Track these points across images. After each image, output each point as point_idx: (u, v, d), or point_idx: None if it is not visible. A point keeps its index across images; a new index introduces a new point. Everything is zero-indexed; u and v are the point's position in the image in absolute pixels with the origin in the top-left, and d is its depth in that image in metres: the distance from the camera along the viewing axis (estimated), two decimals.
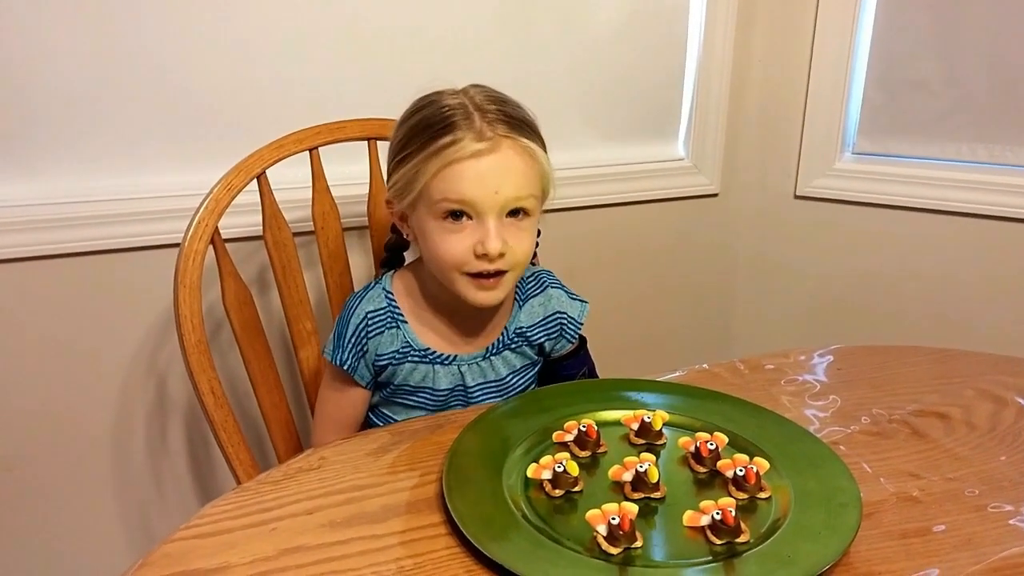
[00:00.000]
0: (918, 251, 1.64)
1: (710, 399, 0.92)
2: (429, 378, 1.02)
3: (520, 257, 0.95)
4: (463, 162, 0.90)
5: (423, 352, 1.01)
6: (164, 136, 1.23)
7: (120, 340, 1.28)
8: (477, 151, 0.90)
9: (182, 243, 1.02)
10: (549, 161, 0.96)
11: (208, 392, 1.01)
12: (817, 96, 1.66)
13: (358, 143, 1.17)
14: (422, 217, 0.95)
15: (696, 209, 1.74)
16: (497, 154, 0.91)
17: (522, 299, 1.06)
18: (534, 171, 0.93)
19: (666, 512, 0.74)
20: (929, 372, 1.03)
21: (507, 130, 0.92)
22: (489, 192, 0.90)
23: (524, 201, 0.93)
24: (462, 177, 0.90)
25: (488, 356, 1.04)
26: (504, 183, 0.91)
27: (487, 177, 0.90)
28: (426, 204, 0.93)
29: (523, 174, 0.92)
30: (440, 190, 0.91)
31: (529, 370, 1.08)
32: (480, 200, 0.90)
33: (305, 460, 0.82)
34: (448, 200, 0.91)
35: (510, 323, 1.05)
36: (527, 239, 0.95)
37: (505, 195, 0.91)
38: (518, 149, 0.92)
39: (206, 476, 1.40)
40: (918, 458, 0.84)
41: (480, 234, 0.91)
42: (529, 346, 1.06)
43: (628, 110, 1.62)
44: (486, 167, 0.90)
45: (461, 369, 1.03)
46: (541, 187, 0.95)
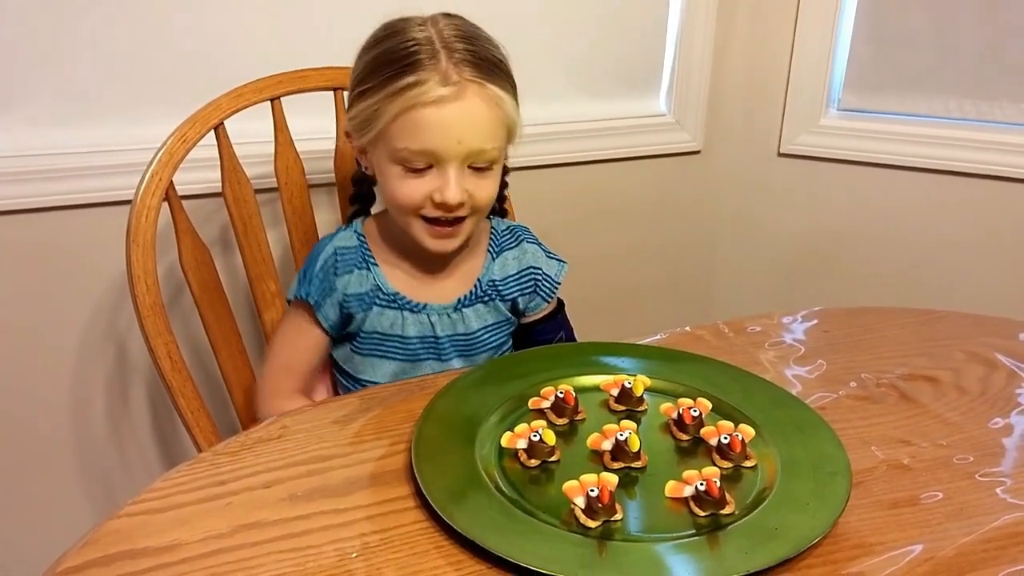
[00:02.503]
0: (904, 210, 1.62)
1: (693, 363, 0.88)
2: (398, 325, 0.98)
3: (482, 203, 0.92)
4: (425, 108, 0.85)
5: (392, 296, 0.98)
6: (117, 88, 1.16)
7: (76, 302, 1.23)
8: (441, 97, 0.85)
9: (134, 198, 0.97)
10: (517, 107, 0.92)
11: (165, 356, 0.97)
12: (803, 50, 1.62)
13: (323, 94, 1.12)
14: (380, 157, 0.91)
15: (678, 167, 1.70)
16: (462, 102, 0.86)
17: (496, 251, 1.03)
18: (500, 120, 0.89)
19: (647, 483, 0.70)
20: (916, 334, 0.99)
21: (475, 74, 0.87)
22: (451, 142, 0.86)
23: (488, 153, 0.89)
24: (423, 125, 0.86)
25: (459, 308, 1.00)
26: (467, 133, 0.87)
27: (450, 127, 0.86)
28: (385, 145, 0.89)
29: (488, 124, 0.88)
30: (399, 136, 0.87)
31: (502, 328, 1.04)
32: (441, 150, 0.87)
33: (265, 429, 0.78)
34: (408, 149, 0.87)
35: (483, 275, 1.01)
36: (490, 186, 0.92)
37: (468, 146, 0.87)
38: (485, 97, 0.88)
39: (171, 443, 1.36)
40: (908, 424, 0.80)
41: (440, 182, 0.88)
42: (501, 300, 1.02)
43: (607, 62, 1.57)
44: (449, 115, 0.86)
45: (431, 319, 0.99)
46: (507, 134, 0.92)
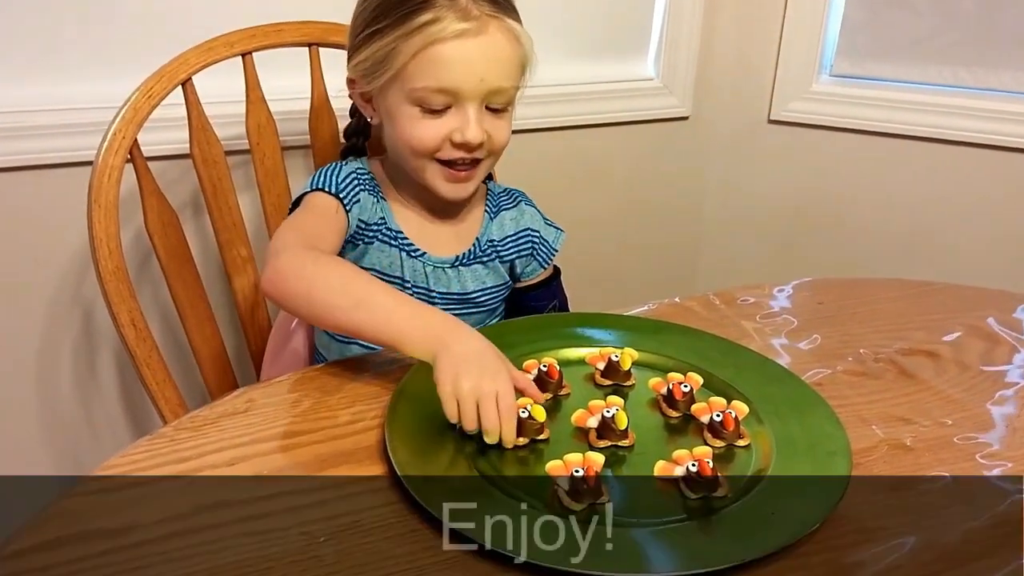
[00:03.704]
0: (896, 179, 1.58)
1: (683, 335, 0.84)
2: (396, 266, 0.94)
3: (499, 144, 0.90)
4: (446, 43, 0.83)
5: (395, 233, 0.94)
6: (82, 42, 1.10)
7: (40, 267, 1.17)
8: (463, 31, 0.83)
9: (96, 157, 0.91)
10: (532, 42, 0.89)
11: (128, 324, 0.92)
12: (795, 14, 1.57)
13: (297, 52, 1.06)
14: (393, 101, 0.88)
15: (665, 133, 1.66)
16: (484, 36, 0.84)
17: (493, 211, 1.00)
18: (519, 57, 0.88)
19: (635, 462, 0.67)
20: (914, 307, 0.96)
21: (493, 9, 0.85)
22: (474, 79, 0.84)
23: (507, 93, 0.88)
24: (444, 62, 0.83)
25: (456, 265, 0.96)
26: (490, 70, 0.85)
27: (472, 62, 0.84)
28: (400, 87, 0.86)
29: (508, 60, 0.86)
30: (418, 75, 0.84)
31: (499, 291, 1.01)
32: (463, 87, 0.84)
33: (231, 403, 0.73)
34: (428, 88, 0.84)
35: (481, 235, 0.98)
36: (506, 127, 0.90)
37: (490, 84, 0.85)
38: (505, 31, 0.86)
39: (141, 416, 1.32)
40: (908, 401, 0.77)
41: (459, 121, 0.86)
42: (501, 261, 0.99)
43: (594, 24, 1.51)
44: (471, 50, 0.84)
45: (426, 269, 0.95)
46: (522, 74, 0.90)
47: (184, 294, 1.00)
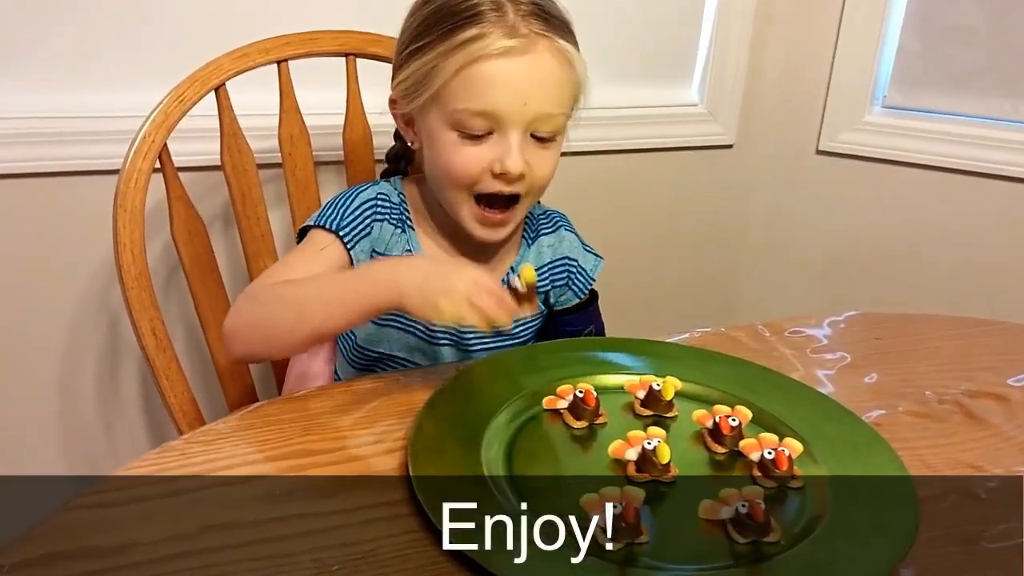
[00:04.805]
0: (950, 215, 1.53)
1: (730, 366, 0.79)
2: None
3: (540, 182, 0.84)
4: (489, 61, 0.78)
5: None
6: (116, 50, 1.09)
7: (70, 272, 1.16)
8: (508, 48, 0.78)
9: (124, 161, 0.89)
10: (586, 66, 0.83)
11: (149, 333, 0.90)
12: (848, 42, 1.53)
13: (334, 64, 1.04)
14: (433, 123, 0.83)
15: (708, 160, 1.62)
16: (531, 55, 0.79)
17: (531, 237, 0.96)
18: (569, 81, 0.82)
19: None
20: (976, 346, 0.90)
21: (544, 27, 0.80)
22: (517, 103, 0.79)
23: (554, 120, 0.81)
24: (486, 81, 0.78)
25: None
26: (535, 94, 0.79)
27: (516, 83, 0.79)
28: (440, 109, 0.81)
29: (557, 85, 0.81)
30: (459, 95, 0.79)
31: (532, 323, 0.96)
32: (505, 112, 0.79)
33: (246, 417, 0.70)
34: (468, 110, 0.79)
35: (517, 263, 0.93)
36: (551, 161, 0.84)
37: (534, 109, 0.79)
38: (555, 52, 0.80)
39: (161, 426, 1.29)
40: (976, 447, 0.71)
41: (500, 150, 0.80)
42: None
43: (638, 47, 1.48)
44: (516, 71, 0.78)
45: None
46: (573, 102, 0.84)
47: (207, 303, 0.97)
